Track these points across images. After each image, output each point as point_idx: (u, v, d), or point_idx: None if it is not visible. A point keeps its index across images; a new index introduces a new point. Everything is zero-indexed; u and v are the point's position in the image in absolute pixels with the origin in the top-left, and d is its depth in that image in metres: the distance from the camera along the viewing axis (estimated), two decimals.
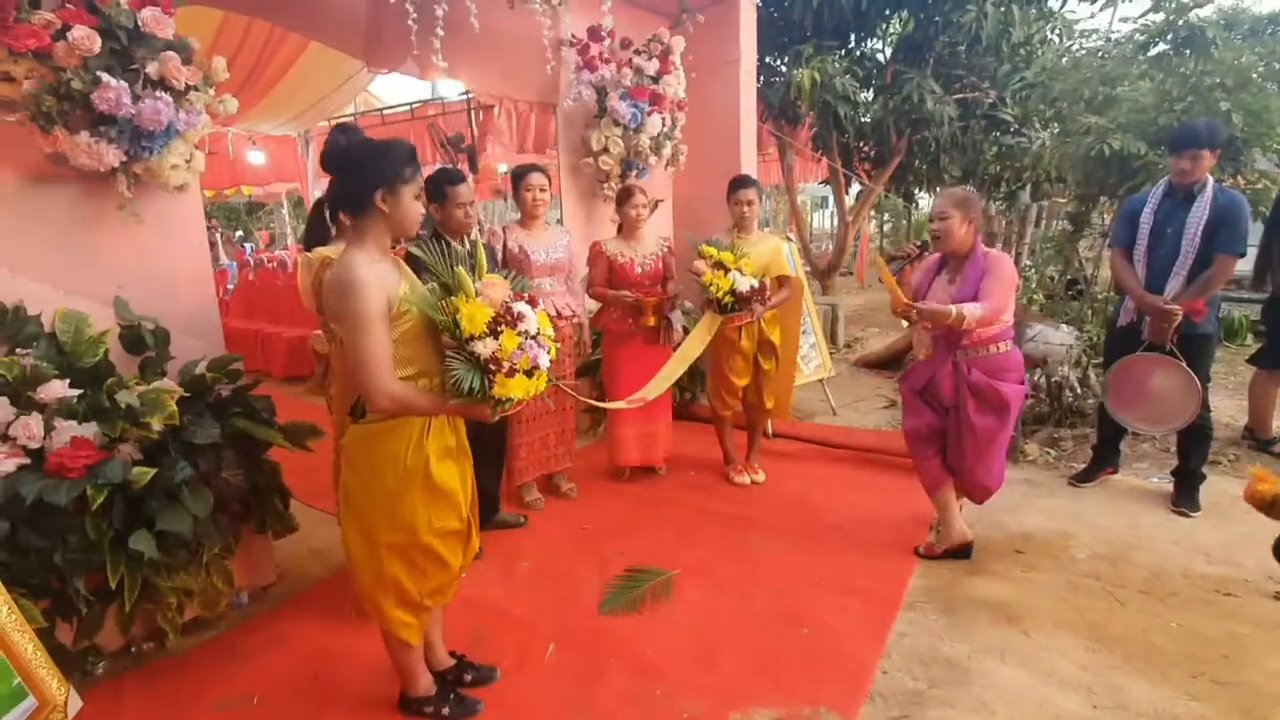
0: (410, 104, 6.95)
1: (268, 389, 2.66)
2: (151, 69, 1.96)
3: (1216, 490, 3.20)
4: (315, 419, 2.70)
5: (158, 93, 1.96)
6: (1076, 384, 4.13)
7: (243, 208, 15.79)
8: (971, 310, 2.46)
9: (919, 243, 2.84)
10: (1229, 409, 4.31)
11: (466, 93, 5.15)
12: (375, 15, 3.23)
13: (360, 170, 1.67)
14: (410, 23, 2.75)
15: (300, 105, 6.46)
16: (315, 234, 2.65)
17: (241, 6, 3.14)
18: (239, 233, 15.14)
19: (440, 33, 2.83)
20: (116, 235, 2.23)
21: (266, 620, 2.61)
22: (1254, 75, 3.47)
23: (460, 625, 2.43)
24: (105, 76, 1.84)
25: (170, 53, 1.98)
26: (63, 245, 2.16)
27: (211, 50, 2.73)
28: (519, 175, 3.18)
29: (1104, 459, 3.44)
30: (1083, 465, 3.54)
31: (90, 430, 1.92)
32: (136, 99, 1.91)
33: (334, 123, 7.45)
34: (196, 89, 2.08)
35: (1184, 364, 2.90)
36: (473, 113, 6.19)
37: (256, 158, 8.09)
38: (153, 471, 1.99)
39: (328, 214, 2.59)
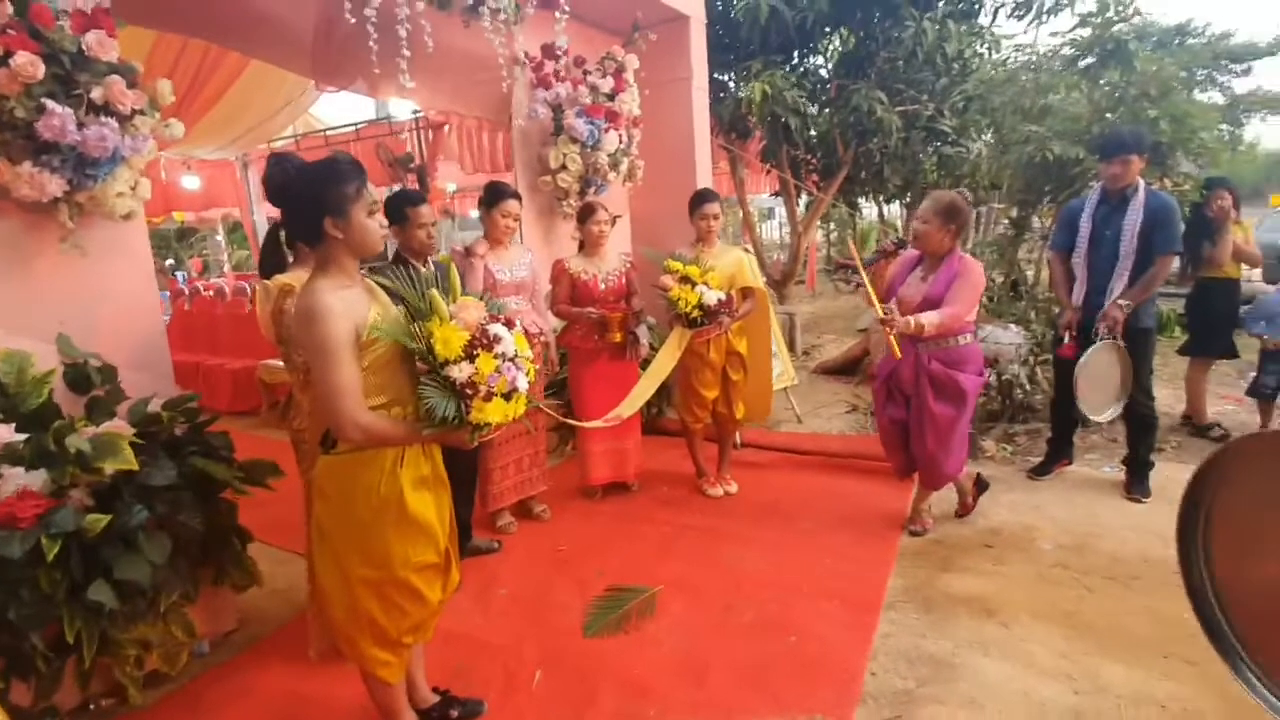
0: (355, 124, 6.81)
1: (215, 424, 2.54)
2: (96, 94, 1.86)
3: (1164, 476, 3.38)
4: (269, 454, 2.58)
5: (102, 118, 1.86)
6: (1026, 381, 4.31)
7: (173, 234, 15.18)
8: (929, 318, 2.62)
9: (896, 240, 2.99)
10: (1166, 398, 4.56)
11: (418, 112, 5.07)
12: (324, 33, 3.16)
13: (304, 200, 1.61)
14: (370, 44, 2.69)
15: (239, 128, 6.26)
16: (271, 261, 2.56)
17: (185, 27, 3.03)
18: (169, 261, 14.55)
19: (406, 53, 2.78)
20: (59, 269, 2.11)
21: (230, 669, 2.47)
22: (1174, 84, 3.73)
23: (441, 658, 2.35)
24: (50, 103, 1.74)
25: (115, 76, 1.89)
26: (2, 282, 2.02)
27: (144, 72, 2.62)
28: (495, 197, 3.13)
29: (1059, 452, 3.60)
30: (1038, 459, 3.69)
31: (39, 477, 1.79)
32: (81, 125, 1.81)
33: (273, 146, 7.27)
34: (142, 113, 1.98)
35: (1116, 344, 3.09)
36: (421, 132, 6.11)
37: (191, 182, 7.80)
38: (107, 518, 1.87)
39: (283, 240, 2.52)
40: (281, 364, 5.70)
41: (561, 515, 3.53)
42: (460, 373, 1.63)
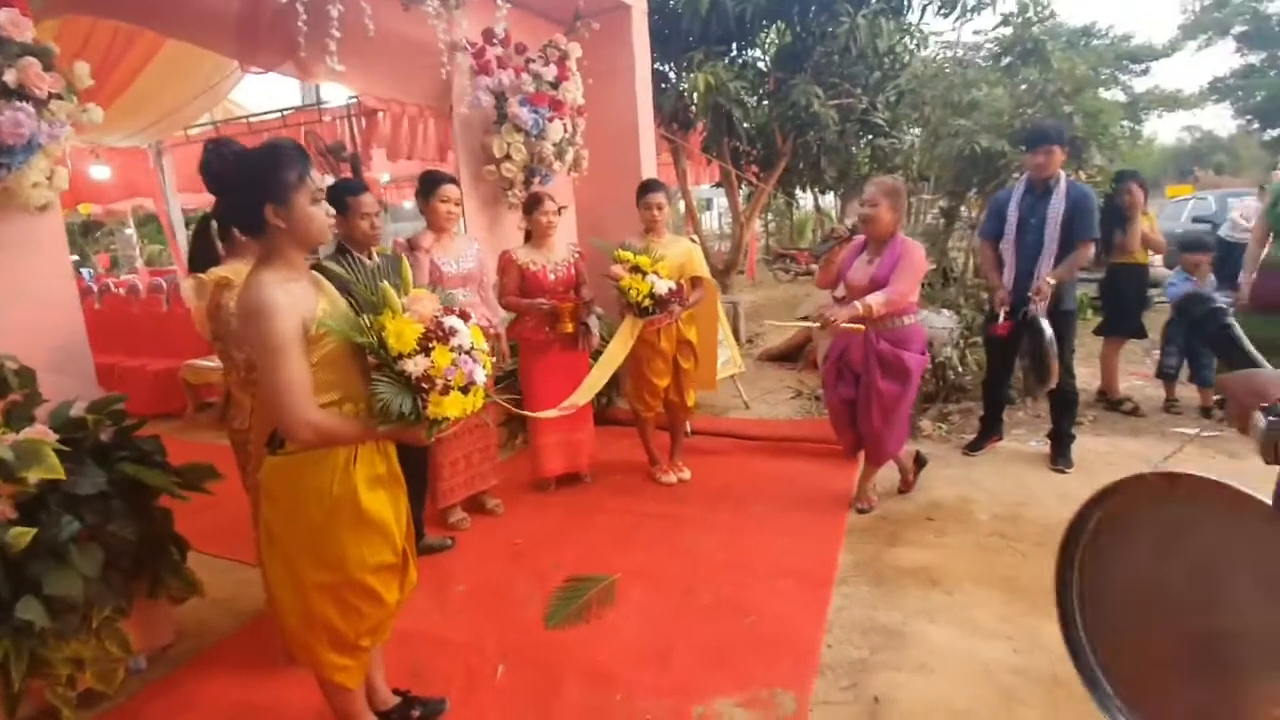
0: (281, 110, 6.48)
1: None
2: (10, 77, 1.71)
3: (1084, 448, 3.64)
4: (200, 458, 2.46)
5: (17, 103, 1.72)
6: (958, 363, 4.53)
7: (77, 228, 14.19)
8: (875, 299, 2.75)
9: (849, 225, 3.11)
10: (1082, 375, 4.86)
11: (354, 97, 4.88)
12: (251, 13, 3.00)
13: (243, 186, 1.55)
14: (300, 24, 2.57)
15: (153, 114, 5.87)
16: (202, 254, 2.44)
17: (103, 9, 2.82)
18: (74, 257, 13.58)
19: (336, 34, 2.68)
20: None
21: (170, 684, 2.35)
22: (1087, 82, 3.99)
23: (399, 658, 2.30)
24: None
25: (30, 59, 1.74)
26: None
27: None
28: (432, 185, 3.05)
29: (990, 429, 3.81)
30: (971, 436, 3.90)
31: None
32: None
33: (190, 133, 6.86)
34: (60, 97, 1.84)
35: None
36: (354, 119, 5.87)
37: (100, 172, 7.28)
38: (33, 531, 1.74)
39: (215, 231, 2.41)
40: (208, 363, 5.45)
41: (515, 509, 3.50)
42: (415, 366, 1.60)
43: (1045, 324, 3.26)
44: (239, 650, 2.50)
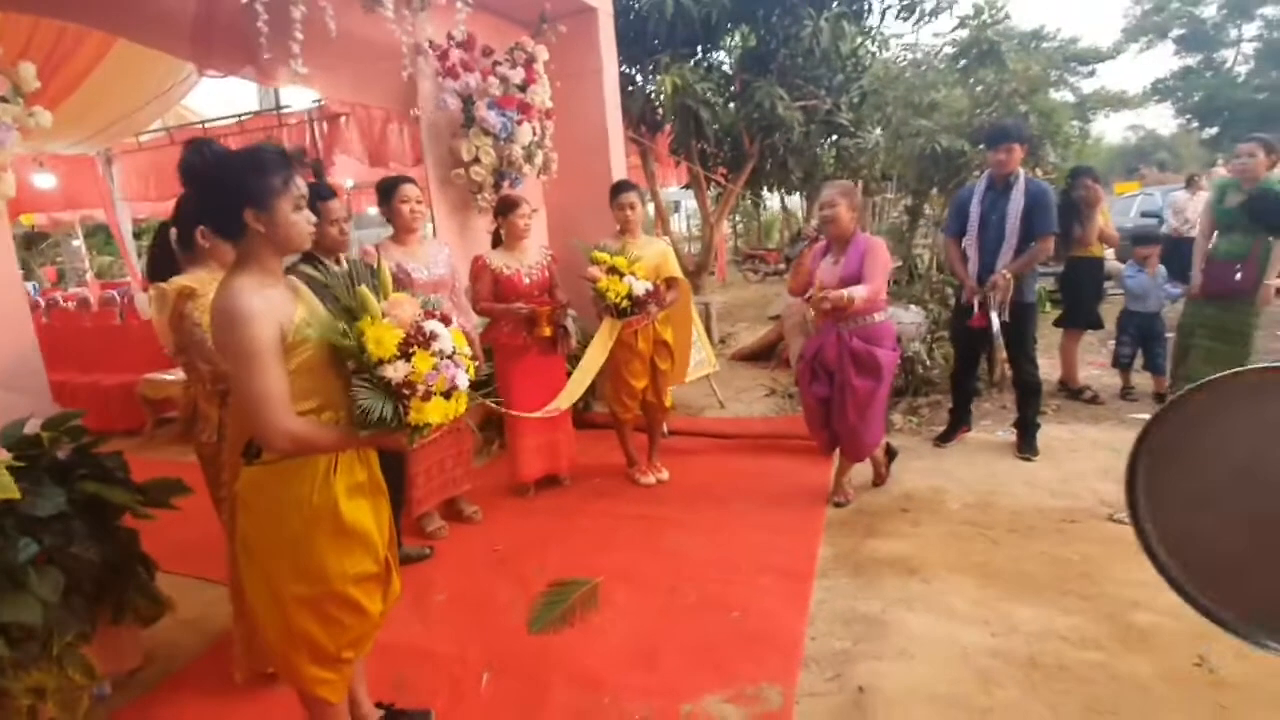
0: (239, 116, 6.32)
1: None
2: None
3: (1049, 436, 3.75)
4: (163, 475, 2.38)
5: None
6: (926, 357, 4.62)
7: (20, 240, 13.66)
8: (859, 292, 2.81)
9: (815, 227, 3.16)
10: (1043, 366, 5.00)
11: (318, 101, 4.79)
12: (207, 13, 2.92)
13: (225, 189, 1.50)
14: (261, 25, 2.51)
15: (100, 121, 5.67)
16: (162, 264, 2.36)
17: (47, 7, 2.71)
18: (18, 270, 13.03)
19: (299, 36, 2.62)
20: None
21: (138, 710, 2.26)
22: (1040, 83, 4.13)
23: (381, 671, 2.25)
24: None
25: None
26: None
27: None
28: (390, 187, 3.00)
29: (959, 420, 3.90)
30: (941, 428, 3.98)
31: None
32: None
33: (141, 139, 6.64)
34: (5, 100, 1.76)
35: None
36: (315, 124, 5.76)
37: (45, 181, 7.00)
38: None
39: (175, 238, 2.33)
40: (167, 376, 5.28)
41: (494, 515, 3.46)
42: (395, 372, 1.57)
43: (994, 319, 3.36)
44: (209, 671, 2.42)
